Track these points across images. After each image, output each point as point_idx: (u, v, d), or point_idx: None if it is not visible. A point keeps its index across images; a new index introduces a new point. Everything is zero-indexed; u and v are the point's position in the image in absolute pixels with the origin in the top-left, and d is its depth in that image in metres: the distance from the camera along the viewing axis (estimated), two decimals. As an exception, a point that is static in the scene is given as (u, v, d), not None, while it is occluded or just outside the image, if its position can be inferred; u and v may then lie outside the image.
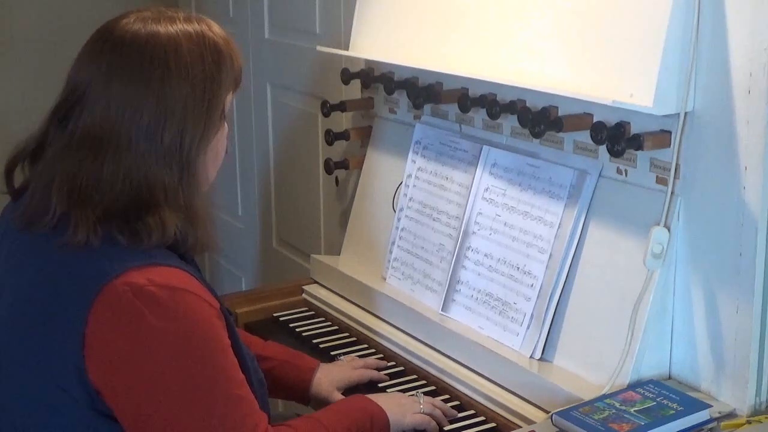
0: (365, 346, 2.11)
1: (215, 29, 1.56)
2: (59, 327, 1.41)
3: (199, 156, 1.51)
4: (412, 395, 1.81)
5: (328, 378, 1.91)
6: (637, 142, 1.65)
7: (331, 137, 2.40)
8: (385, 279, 2.21)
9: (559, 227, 1.82)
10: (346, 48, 2.35)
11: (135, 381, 1.40)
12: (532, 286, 1.85)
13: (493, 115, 1.93)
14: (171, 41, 1.49)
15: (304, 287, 2.38)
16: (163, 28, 1.49)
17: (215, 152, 1.57)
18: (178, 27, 1.51)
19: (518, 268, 1.88)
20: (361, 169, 2.38)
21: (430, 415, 1.75)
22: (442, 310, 2.02)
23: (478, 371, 1.87)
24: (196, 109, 1.49)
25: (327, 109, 2.38)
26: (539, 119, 1.78)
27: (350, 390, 1.91)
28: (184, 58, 1.48)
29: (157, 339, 1.39)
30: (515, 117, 1.87)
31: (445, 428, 1.77)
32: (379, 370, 1.99)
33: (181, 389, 1.41)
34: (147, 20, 1.51)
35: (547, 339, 1.82)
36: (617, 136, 1.67)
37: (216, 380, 1.43)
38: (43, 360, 1.43)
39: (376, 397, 1.74)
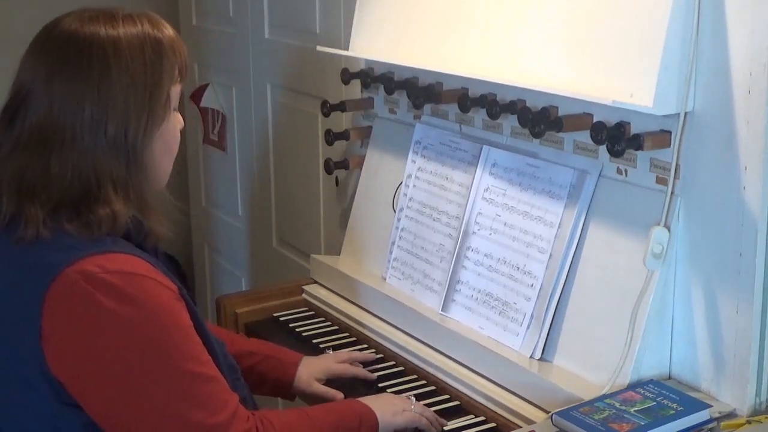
0: (365, 346, 2.11)
1: (157, 25, 1.56)
2: (16, 321, 1.43)
3: (146, 147, 1.52)
4: (404, 396, 1.81)
5: (307, 371, 1.92)
6: (637, 142, 1.65)
7: (331, 137, 2.40)
8: (385, 279, 2.21)
9: (559, 227, 1.82)
10: (346, 48, 2.36)
11: (95, 368, 1.41)
12: (532, 286, 1.85)
13: (493, 115, 1.93)
14: (110, 37, 1.50)
15: (304, 287, 2.38)
16: (102, 27, 1.51)
17: (164, 143, 1.57)
18: (118, 24, 1.52)
19: (518, 268, 1.88)
20: (361, 169, 2.38)
21: (420, 414, 1.75)
22: (442, 310, 2.02)
23: (478, 371, 1.87)
24: (137, 99, 1.50)
25: (327, 109, 2.38)
26: (539, 119, 1.78)
27: (334, 384, 1.92)
28: (124, 52, 1.49)
29: (115, 323, 1.40)
30: (515, 117, 1.87)
31: (446, 428, 1.77)
32: (366, 364, 1.99)
33: (145, 371, 1.41)
34: (85, 19, 1.52)
35: (547, 339, 1.82)
36: (617, 136, 1.67)
37: (177, 359, 1.44)
38: (5, 356, 1.45)
39: (367, 399, 1.74)
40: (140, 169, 1.52)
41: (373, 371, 1.99)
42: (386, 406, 1.73)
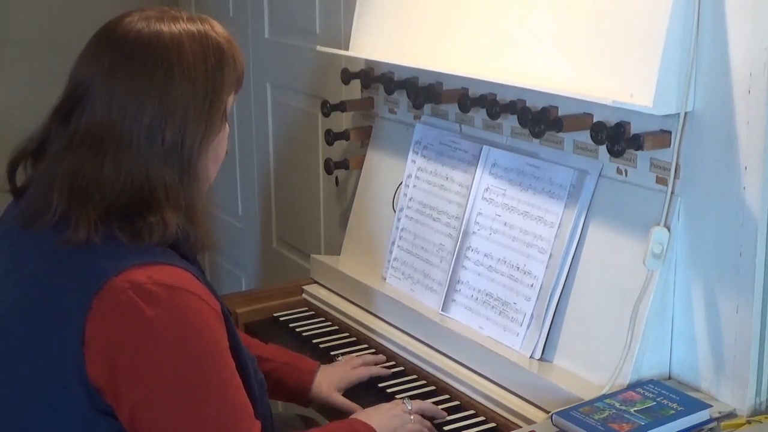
0: (365, 346, 2.11)
1: (218, 30, 1.55)
2: (60, 324, 1.42)
3: (201, 156, 1.51)
4: (400, 401, 1.80)
5: (327, 380, 1.91)
6: (637, 142, 1.65)
7: (331, 137, 2.40)
8: (385, 279, 2.21)
9: (559, 227, 1.82)
10: (346, 48, 2.35)
11: (131, 377, 1.40)
12: (532, 286, 1.85)
13: (493, 115, 1.93)
14: (174, 41, 1.48)
15: (304, 287, 2.38)
16: (167, 28, 1.49)
17: (216, 153, 1.56)
18: (182, 27, 1.50)
19: (518, 268, 1.88)
20: (361, 169, 2.38)
21: (420, 425, 1.75)
22: (442, 310, 2.02)
23: (478, 371, 1.87)
24: (197, 109, 1.48)
25: (327, 109, 2.38)
26: (539, 119, 1.78)
27: (351, 390, 1.91)
28: (187, 58, 1.48)
29: (155, 335, 1.39)
30: (515, 117, 1.87)
31: (446, 429, 1.77)
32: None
33: (176, 387, 1.41)
34: (150, 19, 1.50)
35: (547, 339, 1.82)
36: (617, 136, 1.67)
37: (211, 381, 1.43)
38: (43, 357, 1.43)
39: (366, 415, 1.74)
40: (193, 178, 1.50)
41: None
42: (386, 421, 1.71)
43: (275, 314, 2.30)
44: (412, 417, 1.74)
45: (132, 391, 1.40)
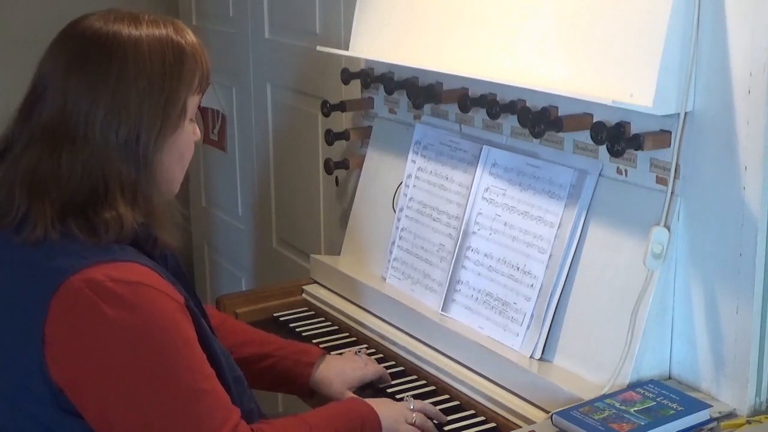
0: (365, 346, 2.11)
1: (182, 31, 1.55)
2: (21, 325, 1.42)
3: (157, 153, 1.50)
4: (401, 400, 1.80)
5: (342, 377, 1.89)
6: (637, 142, 1.65)
7: (331, 137, 2.40)
8: (385, 279, 2.21)
9: (559, 227, 1.82)
10: (346, 48, 2.36)
11: (95, 376, 1.40)
12: (532, 286, 1.85)
13: (493, 115, 1.93)
14: (131, 38, 1.49)
15: (304, 287, 2.38)
16: (126, 27, 1.50)
17: (178, 152, 1.55)
18: (142, 26, 1.51)
19: (518, 268, 1.88)
20: (361, 169, 2.39)
21: (421, 428, 1.74)
22: (442, 310, 2.02)
23: (478, 371, 1.87)
24: (152, 104, 1.48)
25: (327, 109, 2.38)
26: (539, 119, 1.78)
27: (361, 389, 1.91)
28: (143, 54, 1.48)
29: (116, 332, 1.39)
30: (515, 117, 1.87)
31: (446, 429, 1.77)
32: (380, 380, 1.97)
33: (142, 382, 1.40)
34: (110, 19, 1.51)
35: (547, 339, 1.82)
36: (617, 136, 1.68)
37: (178, 372, 1.42)
38: (6, 359, 1.44)
39: (370, 402, 1.72)
40: (150, 175, 1.50)
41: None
42: (390, 412, 1.70)
43: (275, 314, 2.30)
44: (414, 415, 1.74)
45: (98, 391, 1.40)
